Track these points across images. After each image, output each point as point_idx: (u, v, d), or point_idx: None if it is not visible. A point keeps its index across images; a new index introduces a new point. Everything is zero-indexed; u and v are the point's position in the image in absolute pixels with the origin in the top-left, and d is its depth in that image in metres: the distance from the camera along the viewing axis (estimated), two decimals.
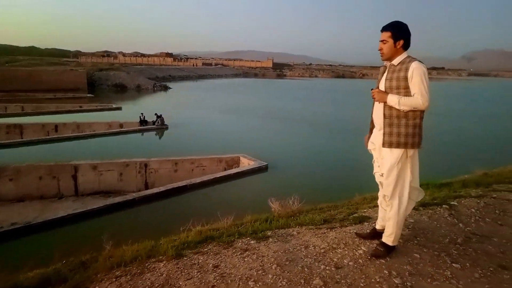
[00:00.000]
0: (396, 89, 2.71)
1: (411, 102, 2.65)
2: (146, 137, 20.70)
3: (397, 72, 2.71)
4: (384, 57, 2.79)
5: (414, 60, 2.67)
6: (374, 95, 2.80)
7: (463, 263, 2.96)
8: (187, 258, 3.03)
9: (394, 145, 2.75)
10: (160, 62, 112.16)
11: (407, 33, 2.75)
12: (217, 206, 7.48)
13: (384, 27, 2.76)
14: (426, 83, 2.63)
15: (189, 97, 43.47)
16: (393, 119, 2.74)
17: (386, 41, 2.74)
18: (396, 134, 2.73)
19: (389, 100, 2.71)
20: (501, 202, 4.50)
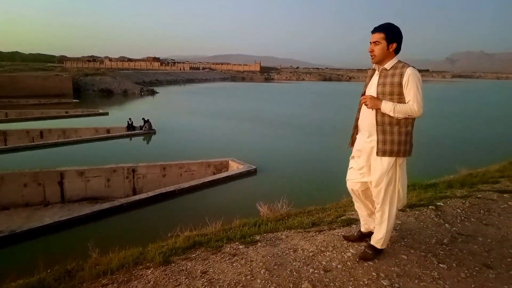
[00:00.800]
0: (389, 95, 2.61)
1: (406, 109, 2.57)
2: (134, 142, 20.53)
3: (390, 77, 2.61)
4: (375, 59, 2.66)
5: (408, 66, 2.60)
6: (367, 102, 2.64)
7: (450, 264, 2.99)
8: (175, 265, 3.00)
9: (387, 153, 2.65)
10: (147, 66, 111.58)
11: (400, 37, 2.65)
12: (206, 211, 7.45)
13: (376, 28, 2.63)
14: (421, 90, 2.57)
15: (176, 102, 43.28)
16: (386, 126, 2.64)
17: (378, 42, 2.61)
18: (390, 142, 2.64)
19: (383, 108, 2.59)
20: (486, 202, 4.57)
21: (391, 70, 2.63)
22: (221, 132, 23.75)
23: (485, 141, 21.88)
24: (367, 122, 2.73)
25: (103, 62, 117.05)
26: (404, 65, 2.61)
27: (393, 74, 2.61)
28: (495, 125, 29.49)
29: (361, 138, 2.83)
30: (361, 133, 2.83)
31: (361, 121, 2.81)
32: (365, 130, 2.76)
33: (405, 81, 2.55)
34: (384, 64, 2.66)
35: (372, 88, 2.71)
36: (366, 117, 2.73)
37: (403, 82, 2.56)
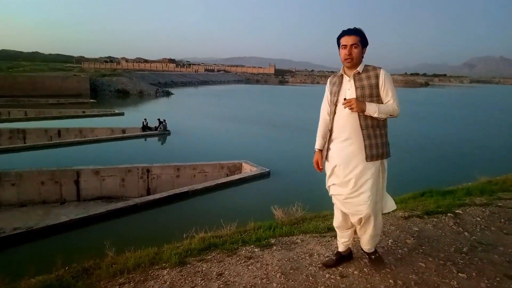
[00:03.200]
0: (369, 97, 2.54)
1: (389, 109, 2.53)
2: (149, 142, 20.72)
3: (366, 79, 2.56)
4: (352, 63, 2.55)
5: (378, 67, 2.60)
6: (352, 105, 2.46)
7: (469, 273, 2.93)
8: (190, 266, 3.01)
9: (375, 157, 2.57)
10: (163, 68, 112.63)
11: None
12: (219, 213, 7.47)
13: (351, 30, 2.55)
14: (395, 89, 2.60)
15: (191, 103, 43.58)
16: (370, 129, 2.57)
17: (357, 45, 2.53)
18: (375, 145, 2.57)
19: (368, 109, 2.49)
20: (506, 211, 4.47)
21: (363, 74, 2.58)
22: (234, 134, 23.81)
23: (505, 149, 21.40)
24: (349, 128, 2.58)
25: (119, 63, 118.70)
26: (375, 67, 2.60)
27: (368, 76, 2.57)
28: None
29: (339, 145, 2.65)
30: (340, 140, 2.64)
31: (339, 126, 2.64)
32: (344, 135, 2.61)
33: (382, 82, 2.55)
34: (356, 68, 2.59)
35: (348, 93, 2.59)
36: (347, 122, 2.59)
37: (380, 83, 2.55)
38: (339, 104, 2.63)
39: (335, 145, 2.68)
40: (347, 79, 2.62)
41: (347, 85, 2.62)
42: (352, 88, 2.58)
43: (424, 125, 29.03)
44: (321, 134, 2.81)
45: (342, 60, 2.58)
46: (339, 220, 2.86)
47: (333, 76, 2.77)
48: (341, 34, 2.56)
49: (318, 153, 2.82)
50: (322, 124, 2.82)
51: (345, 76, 2.64)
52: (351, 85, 2.59)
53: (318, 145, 2.82)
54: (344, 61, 2.57)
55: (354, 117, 2.56)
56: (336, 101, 2.64)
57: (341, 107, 2.59)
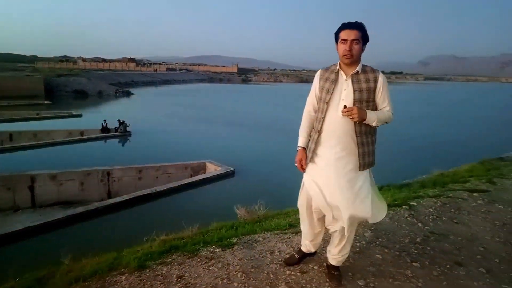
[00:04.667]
0: (365, 102, 2.34)
1: (386, 117, 2.38)
2: (109, 144, 20.12)
3: (365, 82, 2.35)
4: (351, 59, 2.31)
5: (377, 70, 2.41)
6: (354, 115, 2.24)
7: (423, 262, 3.07)
8: (150, 270, 2.94)
9: (366, 166, 2.42)
10: (123, 67, 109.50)
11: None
12: (183, 214, 7.37)
13: (354, 24, 2.30)
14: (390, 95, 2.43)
15: (153, 103, 42.68)
16: (363, 136, 2.38)
17: (358, 41, 2.29)
18: (367, 153, 2.41)
19: (369, 118, 2.29)
20: (456, 201, 4.71)
21: (362, 75, 2.36)
22: (198, 134, 23.58)
23: (457, 142, 22.57)
24: (341, 133, 2.37)
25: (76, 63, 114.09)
26: (373, 69, 2.41)
27: (366, 79, 2.36)
28: (466, 127, 30.48)
29: (330, 152, 2.42)
30: (329, 145, 2.42)
31: (332, 131, 2.40)
32: (336, 141, 2.39)
33: (380, 87, 2.36)
34: (354, 67, 2.37)
35: (344, 94, 2.36)
36: (340, 126, 2.36)
37: (377, 88, 2.36)
38: (331, 104, 2.39)
39: (324, 149, 2.45)
40: (343, 78, 2.38)
41: (343, 85, 2.37)
42: (348, 89, 2.35)
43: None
44: (305, 131, 2.59)
45: (341, 56, 2.34)
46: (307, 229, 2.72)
47: (325, 70, 2.49)
48: (341, 27, 2.32)
49: (302, 152, 2.57)
50: (306, 120, 2.59)
51: (342, 73, 2.39)
52: (348, 85, 2.36)
53: (301, 143, 2.59)
54: (343, 57, 2.32)
55: (349, 122, 2.34)
56: (329, 100, 2.39)
57: (335, 108, 2.37)
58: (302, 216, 2.75)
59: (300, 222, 2.82)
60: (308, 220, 2.70)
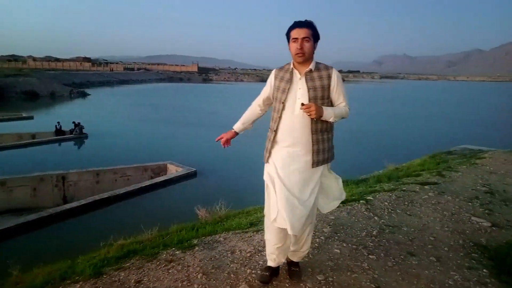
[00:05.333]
0: (320, 99, 2.35)
1: (342, 112, 2.39)
2: (63, 147, 19.24)
3: (319, 80, 2.35)
4: (303, 57, 2.31)
5: (330, 66, 2.41)
6: (311, 111, 2.22)
7: (378, 254, 3.18)
8: (106, 276, 2.84)
9: (320, 163, 2.41)
10: (77, 67, 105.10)
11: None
12: (142, 217, 7.20)
13: (303, 22, 2.31)
14: (345, 90, 2.44)
15: (110, 104, 41.31)
16: (319, 134, 2.39)
17: (309, 39, 2.29)
18: (322, 150, 2.41)
19: (326, 115, 2.29)
20: (409, 194, 4.93)
21: (315, 72, 2.37)
22: (158, 135, 23.08)
23: (411, 138, 23.63)
24: (299, 132, 2.37)
25: (26, 62, 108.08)
26: (327, 66, 2.42)
27: (320, 76, 2.37)
28: (418, 123, 31.96)
29: (288, 151, 2.41)
30: (286, 145, 2.41)
31: (289, 131, 2.39)
32: (294, 141, 2.39)
33: (334, 83, 2.37)
34: (307, 65, 2.37)
35: (300, 93, 2.36)
36: (297, 125, 2.37)
37: (332, 85, 2.37)
38: (287, 103, 2.38)
39: (280, 149, 2.43)
40: (298, 77, 2.38)
41: (298, 84, 2.37)
42: (303, 88, 2.35)
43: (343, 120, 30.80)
44: (243, 120, 2.65)
45: (293, 54, 2.34)
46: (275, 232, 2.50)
47: (280, 69, 2.48)
48: (292, 26, 2.33)
49: (231, 133, 2.67)
50: (249, 112, 2.65)
51: (296, 72, 2.40)
52: (302, 84, 2.36)
53: (235, 126, 2.66)
54: (295, 56, 2.32)
55: (305, 120, 2.34)
56: (285, 100, 2.38)
57: (290, 108, 2.37)
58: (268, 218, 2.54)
59: (265, 230, 2.64)
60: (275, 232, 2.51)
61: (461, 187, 5.31)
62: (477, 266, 3.03)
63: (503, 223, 4.00)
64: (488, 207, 4.48)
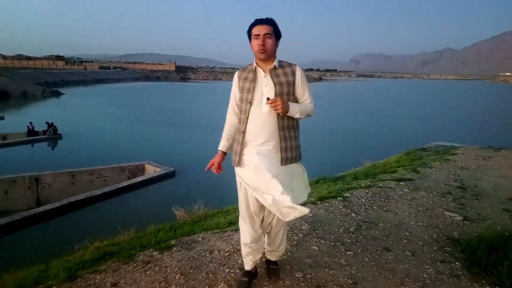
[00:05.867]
0: (286, 95, 2.35)
1: (308, 109, 2.39)
2: (37, 148, 18.71)
3: (283, 76, 2.35)
4: (266, 54, 2.29)
5: (293, 63, 2.42)
6: (278, 106, 2.23)
7: (355, 250, 3.23)
8: (81, 279, 2.78)
9: (289, 161, 2.40)
10: (50, 65, 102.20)
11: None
12: (119, 219, 7.07)
13: (264, 19, 2.30)
14: (309, 87, 2.46)
15: (85, 104, 40.37)
16: (286, 131, 2.38)
17: (270, 35, 2.29)
18: (290, 148, 2.40)
19: (291, 110, 2.29)
20: (385, 190, 5.02)
21: (279, 69, 2.37)
22: (135, 135, 22.72)
23: (387, 135, 24.11)
24: (268, 130, 2.35)
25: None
26: (290, 63, 2.42)
27: (285, 73, 2.37)
28: (394, 120, 32.65)
29: (258, 150, 2.36)
30: (257, 144, 2.37)
31: (258, 129, 2.36)
32: (264, 139, 2.36)
33: (298, 79, 2.38)
34: (270, 62, 2.36)
35: (266, 90, 2.34)
36: (266, 123, 2.35)
37: (296, 81, 2.38)
38: (254, 102, 2.35)
39: (251, 149, 2.38)
40: (262, 75, 2.35)
41: (263, 81, 2.35)
42: (269, 84, 2.33)
43: (320, 117, 31.19)
44: (226, 136, 2.55)
45: (255, 51, 2.32)
46: (250, 233, 2.50)
47: (243, 70, 2.46)
48: (253, 23, 2.31)
49: (220, 155, 2.55)
50: (228, 125, 2.56)
51: (260, 70, 2.37)
52: (268, 81, 2.34)
53: (221, 147, 2.56)
54: (258, 53, 2.30)
55: (273, 117, 2.34)
56: (252, 99, 2.35)
57: (258, 106, 2.34)
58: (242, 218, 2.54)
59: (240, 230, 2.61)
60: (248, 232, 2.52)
61: (435, 183, 5.45)
62: (450, 259, 3.11)
63: (474, 217, 4.13)
64: (460, 202, 4.61)
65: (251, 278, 2.66)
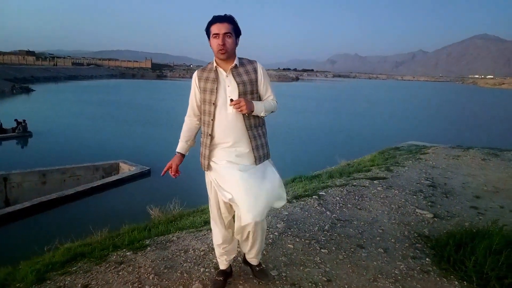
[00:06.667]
0: (250, 94, 2.30)
1: (272, 106, 2.37)
2: (5, 147, 18.08)
3: (245, 74, 2.30)
4: (226, 54, 2.21)
5: (253, 60, 2.37)
6: (242, 106, 2.17)
7: (330, 248, 3.27)
8: (51, 282, 2.69)
9: (262, 159, 2.36)
10: (20, 61, 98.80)
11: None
12: (92, 219, 6.93)
13: (223, 17, 2.21)
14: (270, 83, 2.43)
15: (57, 101, 39.21)
16: (254, 130, 2.34)
17: (230, 34, 2.20)
18: (261, 146, 2.36)
19: (257, 109, 2.25)
20: (360, 189, 5.11)
21: (241, 68, 2.31)
22: (110, 133, 22.29)
23: (362, 134, 24.55)
24: (236, 131, 2.30)
25: None
26: (250, 60, 2.37)
27: (246, 71, 2.32)
28: (369, 120, 33.30)
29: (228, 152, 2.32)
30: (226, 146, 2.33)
31: (226, 130, 2.30)
32: (233, 140, 2.31)
33: (261, 77, 2.35)
34: (231, 61, 2.29)
35: (229, 90, 2.28)
36: (233, 124, 2.29)
37: (259, 79, 2.35)
38: (219, 103, 2.28)
39: (220, 152, 2.34)
40: (224, 74, 2.28)
41: (225, 81, 2.28)
42: (232, 84, 2.26)
43: (297, 117, 31.47)
44: (185, 138, 2.51)
45: (215, 51, 2.23)
46: (222, 235, 2.51)
47: (202, 70, 2.37)
48: (211, 21, 2.21)
49: (178, 157, 2.49)
50: (186, 127, 2.50)
51: (221, 70, 2.30)
52: (231, 81, 2.27)
53: (179, 148, 2.49)
54: (218, 52, 2.21)
55: (239, 117, 2.28)
56: (216, 100, 2.28)
57: (223, 108, 2.27)
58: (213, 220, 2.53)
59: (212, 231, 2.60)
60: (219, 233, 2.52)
61: (407, 181, 5.58)
62: (420, 255, 3.20)
63: (444, 214, 4.26)
64: (431, 200, 4.75)
65: (226, 277, 2.64)
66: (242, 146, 2.31)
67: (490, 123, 34.58)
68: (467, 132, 27.30)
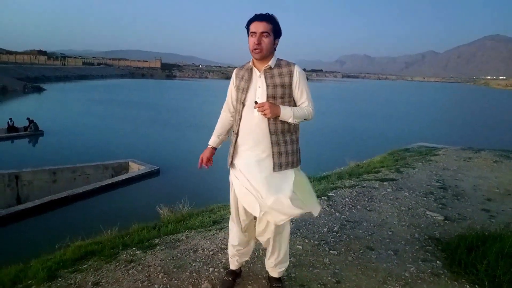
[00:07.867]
0: (280, 98, 2.20)
1: (304, 113, 2.22)
2: (17, 145, 18.32)
3: (279, 77, 2.20)
4: (261, 54, 2.14)
5: (292, 63, 2.25)
6: (265, 110, 2.08)
7: (339, 249, 3.25)
8: (62, 279, 2.72)
9: (283, 167, 2.23)
10: (32, 60, 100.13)
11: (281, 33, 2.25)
12: (102, 217, 6.99)
13: (263, 16, 2.14)
14: (309, 89, 2.30)
15: (68, 100, 39.65)
16: (280, 135, 2.23)
17: (268, 34, 2.12)
18: (285, 153, 2.24)
19: (283, 115, 2.14)
20: (369, 190, 5.07)
21: (276, 69, 2.21)
22: (119, 132, 22.45)
23: (371, 135, 24.39)
24: (258, 133, 2.23)
25: None
26: (288, 63, 2.26)
27: (281, 73, 2.21)
28: (379, 121, 33.07)
29: (248, 154, 2.26)
30: (247, 148, 2.27)
31: (249, 132, 2.25)
32: (254, 143, 2.24)
33: (296, 81, 2.21)
34: (267, 62, 2.21)
35: (259, 91, 2.21)
36: (256, 127, 2.23)
37: (294, 82, 2.21)
38: (247, 104, 2.23)
39: (243, 152, 2.28)
40: (257, 74, 2.23)
41: (257, 82, 2.22)
42: (263, 85, 2.20)
43: None
44: (217, 133, 2.49)
45: (251, 50, 2.16)
46: (238, 236, 2.47)
47: (240, 68, 2.34)
48: (251, 19, 2.14)
49: (209, 150, 2.48)
50: (220, 122, 2.48)
51: (255, 70, 2.24)
52: (262, 82, 2.20)
53: (211, 141, 2.50)
54: (253, 52, 2.15)
55: (264, 121, 2.20)
56: (244, 100, 2.24)
57: (250, 108, 2.21)
58: (232, 220, 2.51)
59: (229, 230, 2.58)
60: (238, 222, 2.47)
61: (417, 183, 5.53)
62: (431, 258, 3.16)
63: (454, 216, 4.21)
64: (442, 202, 4.70)
65: (235, 277, 2.63)
66: (261, 151, 2.23)
67: (502, 125, 34.12)
68: (478, 133, 26.95)
